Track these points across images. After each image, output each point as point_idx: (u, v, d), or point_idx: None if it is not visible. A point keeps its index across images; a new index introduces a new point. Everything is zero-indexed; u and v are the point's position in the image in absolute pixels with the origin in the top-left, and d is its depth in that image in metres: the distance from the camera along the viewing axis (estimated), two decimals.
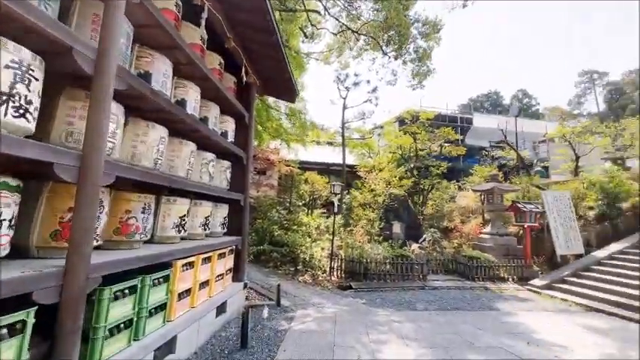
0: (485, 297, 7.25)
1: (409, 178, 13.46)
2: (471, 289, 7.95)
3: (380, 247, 9.57)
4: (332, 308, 5.82)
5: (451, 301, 6.73)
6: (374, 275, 8.30)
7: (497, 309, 6.27)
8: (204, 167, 4.30)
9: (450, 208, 14.85)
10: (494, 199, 10.71)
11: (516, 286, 8.55)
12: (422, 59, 9.63)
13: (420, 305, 6.30)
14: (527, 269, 9.09)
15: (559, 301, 7.18)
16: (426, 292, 7.44)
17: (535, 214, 9.64)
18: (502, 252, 9.96)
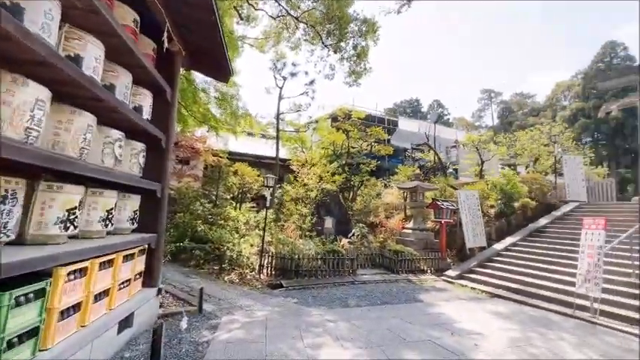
0: (409, 289, 7.65)
1: (341, 174, 13.66)
2: (396, 282, 8.33)
3: (311, 243, 9.41)
4: (262, 311, 5.36)
5: (380, 295, 6.89)
6: (305, 272, 8.07)
7: (420, 300, 6.62)
8: (108, 147, 3.41)
9: (376, 204, 15.60)
10: (416, 196, 11.51)
11: (434, 277, 9.29)
12: (360, 56, 9.73)
13: (351, 301, 6.28)
14: (442, 261, 9.97)
15: (469, 289, 7.98)
16: (356, 287, 7.51)
17: (450, 210, 10.64)
18: (422, 246, 10.76)
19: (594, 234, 6.19)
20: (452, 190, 12.83)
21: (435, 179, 13.46)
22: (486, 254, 9.82)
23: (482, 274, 8.82)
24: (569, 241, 9.07)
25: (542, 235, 10.15)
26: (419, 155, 22.14)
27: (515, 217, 11.44)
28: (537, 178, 12.82)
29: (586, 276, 6.03)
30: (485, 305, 6.50)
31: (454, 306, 6.31)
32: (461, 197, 10.47)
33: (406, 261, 9.50)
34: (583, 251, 6.26)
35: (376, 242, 12.00)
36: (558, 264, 8.09)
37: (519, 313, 6.04)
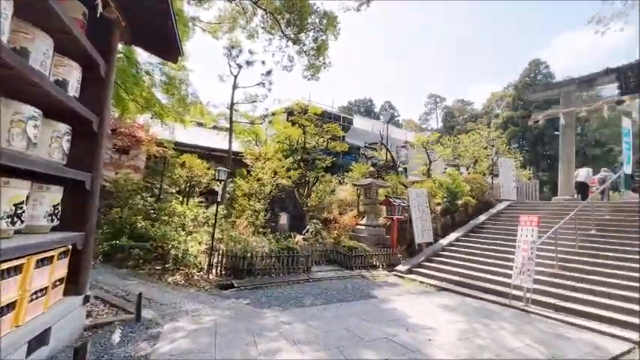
0: (364, 285, 7.72)
1: (296, 170, 13.41)
2: (350, 278, 8.37)
3: (265, 240, 9.05)
4: (211, 315, 4.93)
5: (335, 292, 6.83)
6: (258, 270, 7.72)
7: (375, 296, 6.70)
8: (17, 127, 2.75)
9: (331, 200, 15.66)
10: (370, 193, 11.74)
11: (386, 272, 9.54)
12: (320, 49, 9.55)
13: (307, 300, 6.11)
14: (393, 257, 10.30)
15: (418, 283, 8.32)
16: (311, 285, 7.36)
17: (402, 207, 11.03)
18: (374, 242, 11.01)
19: (528, 230, 6.80)
20: (403, 187, 13.34)
21: (388, 177, 13.93)
22: (433, 249, 10.36)
23: (430, 268, 9.27)
24: (504, 236, 9.94)
25: (482, 230, 11.01)
26: (371, 153, 22.75)
27: (458, 214, 12.26)
28: (477, 178, 13.91)
29: (521, 268, 6.60)
30: (434, 299, 6.80)
31: (406, 301, 6.48)
32: (411, 195, 10.90)
33: (360, 257, 9.63)
34: (519, 246, 6.84)
35: (330, 238, 12.01)
36: (496, 257, 8.80)
37: (464, 305, 6.40)
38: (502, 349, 4.23)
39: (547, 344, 4.51)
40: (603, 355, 4.30)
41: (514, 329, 5.05)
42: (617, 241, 7.91)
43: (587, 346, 4.55)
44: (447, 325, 5.03)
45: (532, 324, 5.42)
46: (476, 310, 6.04)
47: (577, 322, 5.57)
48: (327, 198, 15.36)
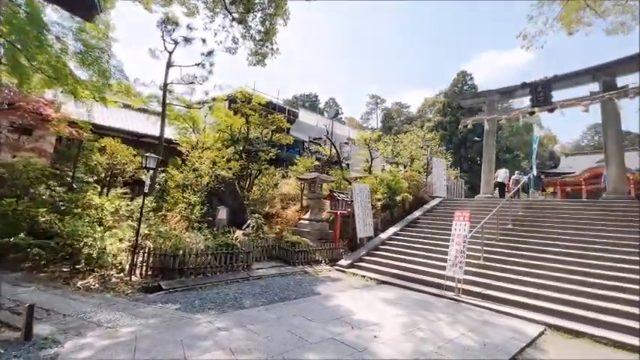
0: (307, 281, 7.51)
1: (238, 161, 12.63)
2: (293, 275, 8.09)
3: (201, 236, 8.28)
4: (130, 326, 4.19)
5: (277, 290, 6.49)
6: (192, 270, 6.98)
7: (318, 293, 6.53)
8: None
9: (273, 194, 15.19)
10: (315, 188, 11.59)
11: (328, 267, 9.49)
12: (268, 33, 8.95)
13: (247, 301, 5.66)
14: (336, 251, 10.30)
15: (360, 277, 8.41)
16: (252, 284, 6.90)
17: (345, 202, 11.10)
18: (317, 236, 10.90)
19: (462, 225, 7.28)
20: (346, 183, 13.48)
21: (332, 172, 13.96)
22: (374, 243, 10.63)
23: (371, 262, 9.47)
24: (438, 230, 10.64)
25: (417, 225, 11.65)
26: (316, 148, 22.73)
27: (397, 209, 12.81)
28: (414, 175, 14.75)
29: (454, 261, 7.03)
30: (376, 292, 6.88)
31: (349, 296, 6.44)
32: (355, 190, 11.02)
33: (303, 252, 9.41)
34: (453, 239, 7.29)
35: (272, 233, 11.59)
36: (430, 251, 9.33)
37: (403, 297, 6.59)
38: (441, 340, 4.36)
39: (477, 331, 4.80)
40: (523, 338, 4.71)
41: (449, 319, 5.30)
42: (529, 234, 8.97)
43: (510, 331, 4.96)
44: (390, 320, 5.06)
45: (463, 312, 5.78)
46: (414, 302, 6.24)
47: (500, 308, 6.10)
48: (270, 191, 14.85)
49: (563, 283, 6.57)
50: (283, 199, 15.31)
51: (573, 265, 7.12)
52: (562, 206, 10.86)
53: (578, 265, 7.09)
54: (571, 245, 7.92)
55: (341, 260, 9.81)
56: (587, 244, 7.83)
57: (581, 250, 7.64)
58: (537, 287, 6.64)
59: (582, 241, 8.02)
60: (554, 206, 11.01)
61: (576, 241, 8.08)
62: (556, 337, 5.01)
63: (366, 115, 70.72)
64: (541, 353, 4.29)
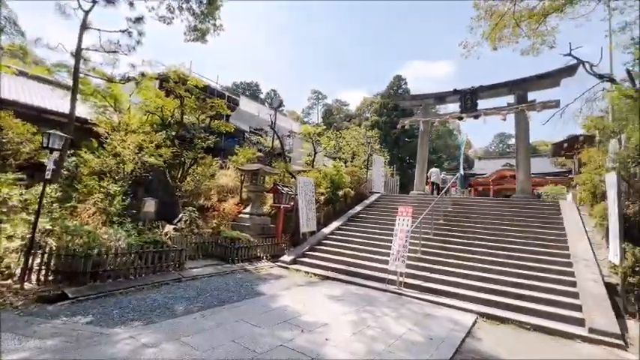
0: (248, 280, 6.97)
1: (170, 147, 11.28)
2: (232, 273, 7.46)
3: (122, 232, 7.10)
4: (19, 351, 3.22)
5: (216, 292, 5.84)
6: (110, 272, 5.90)
7: (262, 293, 6.07)
8: None
9: (210, 185, 14.05)
10: (257, 180, 10.95)
11: (270, 263, 9.03)
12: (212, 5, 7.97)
13: (180, 307, 4.93)
14: (278, 247, 9.89)
15: (303, 274, 8.15)
16: (185, 286, 6.11)
17: (290, 196, 10.72)
18: (258, 231, 10.33)
19: (405, 220, 7.50)
20: (289, 176, 13.09)
21: (275, 164, 13.42)
22: (317, 238, 10.48)
23: (314, 257, 9.29)
24: (378, 225, 10.95)
25: (358, 220, 11.86)
26: (257, 139, 21.79)
27: (339, 203, 12.88)
28: (356, 171, 15.04)
29: (396, 255, 7.22)
30: (321, 289, 6.69)
31: (295, 295, 6.12)
32: (300, 183, 10.71)
33: (243, 248, 8.79)
34: (396, 234, 7.48)
35: (208, 228, 10.66)
36: (372, 245, 9.52)
37: (349, 293, 6.52)
38: (391, 337, 4.32)
39: (422, 325, 4.92)
40: (461, 328, 4.96)
41: (395, 314, 5.36)
42: (458, 228, 9.74)
43: (450, 322, 5.21)
44: (339, 318, 4.89)
45: (406, 306, 5.92)
46: (360, 298, 6.21)
47: (438, 300, 6.43)
48: (206, 183, 13.69)
49: (488, 274, 7.21)
50: (221, 191, 14.26)
51: (495, 256, 7.89)
52: (484, 203, 12.11)
53: (499, 256, 7.88)
54: (493, 239, 8.79)
55: (283, 256, 9.44)
56: (505, 237, 8.78)
57: (501, 242, 8.52)
58: (467, 278, 7.18)
59: (502, 234, 8.97)
60: (477, 203, 12.22)
61: (497, 235, 9.00)
62: (486, 324, 5.41)
63: (307, 109, 70.83)
64: (478, 342, 4.54)
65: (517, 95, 14.05)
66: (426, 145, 16.79)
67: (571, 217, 9.36)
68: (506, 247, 8.28)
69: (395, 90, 56.10)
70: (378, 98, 59.55)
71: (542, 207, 11.01)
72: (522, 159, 13.91)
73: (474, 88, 14.98)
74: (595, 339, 4.95)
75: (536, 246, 8.16)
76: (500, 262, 7.59)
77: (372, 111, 59.04)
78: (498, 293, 6.49)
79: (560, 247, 7.94)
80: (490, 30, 14.19)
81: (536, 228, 9.19)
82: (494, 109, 14.49)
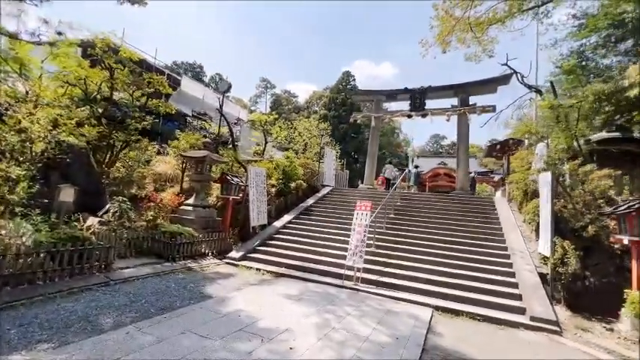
0: (192, 281, 6.15)
1: (95, 127, 9.58)
2: (173, 273, 6.55)
3: (28, 226, 5.71)
4: None
5: (154, 297, 4.98)
6: (10, 278, 4.63)
7: (210, 295, 5.35)
8: None
9: (144, 173, 12.45)
10: (203, 168, 9.89)
11: (216, 260, 8.22)
12: None
13: (107, 318, 4.02)
14: (225, 242, 9.08)
15: (255, 271, 7.55)
16: (114, 291, 5.10)
17: (240, 187, 9.91)
18: (203, 225, 9.36)
19: (363, 214, 7.35)
20: (238, 165, 12.17)
21: (223, 152, 12.35)
22: (268, 232, 9.90)
23: (266, 253, 8.72)
24: (331, 218, 10.75)
25: (311, 213, 11.54)
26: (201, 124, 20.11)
27: (291, 196, 12.40)
28: (308, 163, 14.66)
29: (354, 250, 7.03)
30: (276, 288, 6.20)
31: (248, 295, 5.54)
32: (251, 174, 9.96)
33: (185, 244, 7.83)
34: (354, 229, 7.29)
35: (143, 222, 9.35)
36: (325, 239, 9.27)
37: (306, 292, 6.14)
38: (358, 339, 4.05)
39: (386, 324, 4.76)
40: (422, 324, 4.93)
41: (357, 313, 5.13)
42: (408, 222, 9.99)
43: (410, 318, 5.15)
44: (301, 322, 4.47)
45: (366, 303, 5.76)
46: (319, 297, 5.88)
47: (395, 294, 6.40)
48: (141, 170, 12.08)
49: (439, 267, 7.44)
50: (158, 179, 12.75)
51: (444, 249, 8.20)
52: (430, 199, 12.69)
53: (447, 249, 8.21)
54: (442, 232, 9.16)
55: (232, 252, 8.69)
56: (452, 231, 9.22)
57: (448, 236, 8.92)
58: (420, 271, 7.32)
59: (448, 228, 9.41)
60: (424, 198, 12.77)
61: (444, 228, 9.41)
62: (442, 318, 5.50)
63: (255, 97, 68.39)
64: (440, 338, 4.52)
65: (460, 98, 14.98)
66: (376, 140, 17.12)
67: (505, 212, 10.23)
68: (453, 240, 8.68)
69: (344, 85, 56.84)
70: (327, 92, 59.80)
71: (480, 203, 11.92)
72: (462, 158, 14.95)
73: (423, 88, 15.60)
74: (536, 326, 5.33)
75: (479, 239, 8.70)
76: (448, 255, 7.91)
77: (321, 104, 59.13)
78: (449, 286, 6.70)
79: (499, 240, 8.59)
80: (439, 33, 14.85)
81: (477, 222, 9.85)
82: (440, 110, 15.29)
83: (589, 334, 5.27)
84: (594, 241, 6.97)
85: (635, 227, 5.48)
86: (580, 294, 6.57)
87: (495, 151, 16.34)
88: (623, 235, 5.68)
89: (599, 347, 4.79)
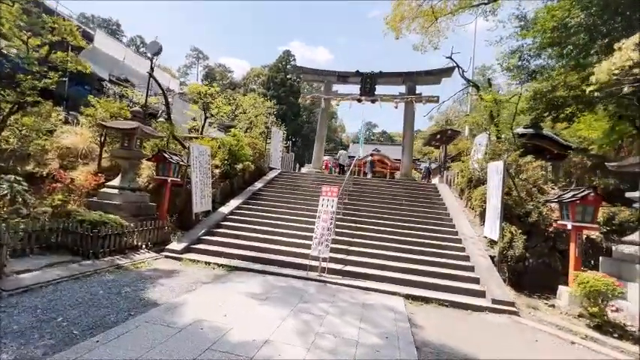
0: (126, 283, 4.90)
1: None
2: (97, 275, 5.15)
3: None
4: None
5: (75, 312, 3.70)
6: None
7: (154, 302, 4.26)
8: None
9: (46, 145, 9.94)
10: (132, 143, 8.12)
11: (153, 254, 6.87)
12: None
13: None
14: (162, 232, 7.69)
15: (203, 265, 6.49)
16: (9, 307, 3.65)
17: (180, 167, 8.46)
18: (133, 211, 7.77)
19: (329, 200, 6.81)
20: (175, 142, 10.46)
21: (157, 125, 10.41)
22: (214, 219, 8.74)
23: (214, 243, 7.64)
24: (283, 204, 10.00)
25: (261, 198, 10.61)
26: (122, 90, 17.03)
27: (237, 179, 11.22)
28: (257, 143, 13.47)
29: (320, 239, 6.49)
30: (235, 286, 5.34)
31: (204, 298, 4.59)
32: (194, 152, 8.55)
33: (112, 236, 6.31)
34: (319, 216, 6.72)
35: (47, 207, 7.35)
36: (280, 226, 8.54)
37: (271, 288, 5.42)
38: (349, 344, 3.56)
39: (368, 320, 4.38)
40: (402, 317, 4.70)
41: (335, 310, 4.64)
42: (362, 207, 9.82)
43: (389, 311, 4.88)
44: (279, 328, 3.78)
45: (338, 297, 5.32)
46: (287, 293, 5.22)
47: (362, 284, 6.09)
48: (41, 141, 9.57)
49: (398, 253, 7.37)
50: (65, 154, 10.30)
51: (401, 235, 8.21)
52: (379, 184, 12.80)
53: (404, 234, 8.23)
54: (396, 218, 9.18)
55: (172, 243, 7.39)
56: (405, 216, 9.32)
57: (403, 222, 8.99)
58: (382, 258, 7.17)
59: (402, 214, 9.50)
60: (374, 184, 12.83)
61: (398, 214, 9.48)
62: (415, 307, 5.37)
63: (184, 68, 61.86)
64: (422, 331, 4.32)
65: (408, 86, 15.29)
66: (325, 123, 16.65)
67: (449, 199, 10.79)
68: (408, 225, 8.76)
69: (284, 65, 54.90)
70: (265, 70, 57.12)
71: (425, 189, 12.43)
72: (408, 145, 15.43)
73: (374, 73, 15.52)
74: (498, 309, 5.56)
75: (431, 224, 8.96)
76: (406, 241, 7.93)
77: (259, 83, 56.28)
78: (413, 272, 6.67)
79: (449, 225, 8.96)
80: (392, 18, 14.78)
81: (426, 207, 10.19)
82: (389, 96, 15.43)
83: (539, 312, 5.69)
84: (534, 226, 7.67)
85: (578, 214, 6.04)
86: (521, 274, 7.18)
87: (435, 140, 17.40)
88: (566, 221, 6.23)
89: (551, 324, 5.17)
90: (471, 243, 7.81)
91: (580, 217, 6.03)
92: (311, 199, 10.26)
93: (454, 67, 15.24)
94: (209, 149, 9.49)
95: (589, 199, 6.00)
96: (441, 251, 7.57)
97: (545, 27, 9.95)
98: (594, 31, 8.29)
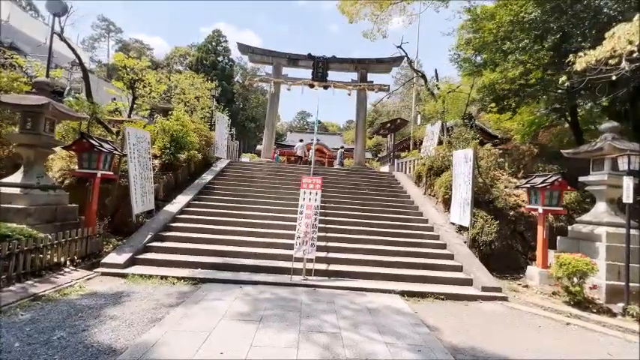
0: (57, 325, 3.43)
1: None
2: (3, 314, 3.54)
3: None
4: None
5: None
6: None
7: (112, 348, 2.99)
8: None
9: None
10: (39, 125, 6.01)
11: (83, 272, 5.23)
12: None
13: None
14: (92, 241, 5.96)
15: (159, 280, 5.16)
16: None
17: (112, 157, 6.66)
18: (46, 217, 5.85)
19: (312, 193, 6.00)
20: (100, 126, 8.33)
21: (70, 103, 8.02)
22: (160, 220, 7.20)
23: (166, 250, 6.24)
24: (241, 198, 8.83)
25: (214, 193, 9.21)
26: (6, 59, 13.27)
27: (182, 170, 9.57)
28: (203, 129, 11.72)
29: (304, 238, 5.69)
30: (213, 304, 4.25)
31: (180, 328, 3.46)
32: (131, 138, 6.83)
33: (19, 254, 4.53)
34: (302, 212, 5.89)
35: None
36: (244, 224, 7.47)
37: (259, 303, 4.47)
38: None
39: (385, 331, 3.83)
40: (415, 320, 4.29)
41: (345, 324, 3.95)
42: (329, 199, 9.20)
43: (397, 314, 4.41)
44: None
45: (337, 303, 4.66)
46: (279, 307, 4.35)
47: (354, 284, 5.53)
48: None
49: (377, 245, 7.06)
50: None
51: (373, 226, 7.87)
52: (338, 173, 12.36)
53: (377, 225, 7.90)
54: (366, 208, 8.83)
55: (108, 255, 5.76)
56: (372, 206, 9.04)
57: (372, 212, 8.67)
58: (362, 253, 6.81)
59: (368, 203, 9.20)
60: (332, 173, 12.34)
61: (364, 204, 9.14)
62: (414, 304, 5.03)
63: (90, 41, 52.73)
64: (442, 334, 3.94)
65: (360, 74, 15.03)
66: (276, 109, 15.47)
67: (411, 187, 10.87)
68: (379, 216, 8.49)
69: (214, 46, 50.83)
70: (193, 51, 52.13)
71: (383, 177, 12.40)
72: (360, 132, 15.28)
73: (326, 58, 14.86)
74: (489, 296, 5.55)
75: (401, 213, 8.84)
76: (383, 232, 7.62)
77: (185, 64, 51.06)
78: (397, 265, 6.36)
79: (417, 214, 8.95)
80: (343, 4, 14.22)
81: (390, 196, 10.08)
82: (342, 83, 14.97)
83: (521, 295, 5.88)
84: (499, 211, 8.05)
85: (547, 199, 6.38)
86: (489, 256, 7.47)
87: (384, 129, 17.66)
88: (536, 205, 6.56)
89: (536, 306, 5.34)
90: (444, 231, 7.84)
91: (548, 202, 6.39)
92: (273, 192, 9.31)
93: (403, 56, 15.48)
94: (149, 135, 7.75)
95: (555, 185, 6.37)
96: (418, 240, 7.45)
97: (486, 27, 10.52)
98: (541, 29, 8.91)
